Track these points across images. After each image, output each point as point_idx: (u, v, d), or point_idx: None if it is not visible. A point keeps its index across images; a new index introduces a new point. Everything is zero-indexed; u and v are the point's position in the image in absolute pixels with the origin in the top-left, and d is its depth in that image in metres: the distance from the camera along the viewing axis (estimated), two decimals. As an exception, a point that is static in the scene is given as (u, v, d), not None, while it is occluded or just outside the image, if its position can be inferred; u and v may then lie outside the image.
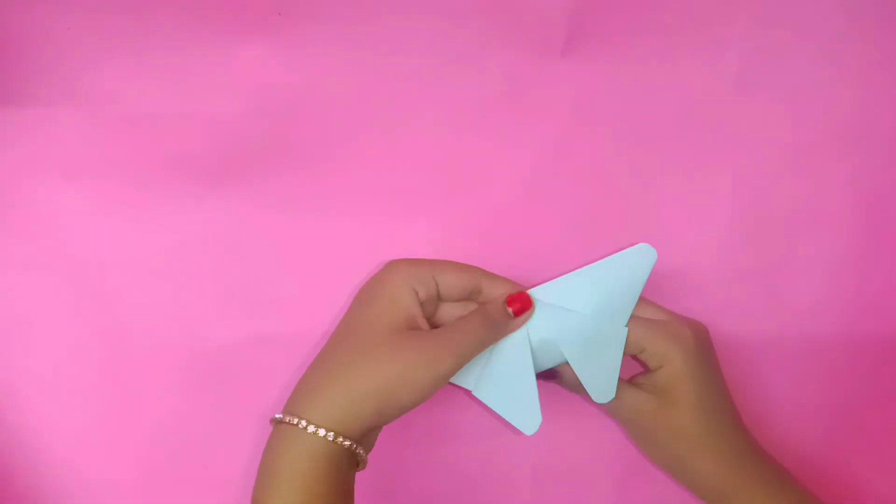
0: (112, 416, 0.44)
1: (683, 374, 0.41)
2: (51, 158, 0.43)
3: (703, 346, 0.42)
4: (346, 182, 0.45)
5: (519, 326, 0.41)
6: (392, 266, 0.41)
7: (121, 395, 0.44)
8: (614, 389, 0.42)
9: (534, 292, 0.42)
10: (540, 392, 0.41)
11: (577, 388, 0.43)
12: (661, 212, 0.46)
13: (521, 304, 0.41)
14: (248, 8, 0.43)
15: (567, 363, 0.42)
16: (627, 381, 0.43)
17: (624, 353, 0.42)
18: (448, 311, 0.42)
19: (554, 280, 0.42)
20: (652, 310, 0.43)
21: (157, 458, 0.44)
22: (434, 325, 0.42)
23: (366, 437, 0.38)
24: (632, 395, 0.42)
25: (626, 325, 0.42)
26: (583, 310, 0.42)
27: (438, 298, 0.41)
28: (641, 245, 0.40)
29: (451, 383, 0.41)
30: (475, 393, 0.42)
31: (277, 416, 0.38)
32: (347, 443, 0.37)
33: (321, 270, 0.45)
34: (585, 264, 0.44)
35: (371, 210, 0.45)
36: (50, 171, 0.43)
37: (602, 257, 0.44)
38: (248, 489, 0.44)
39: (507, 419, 0.41)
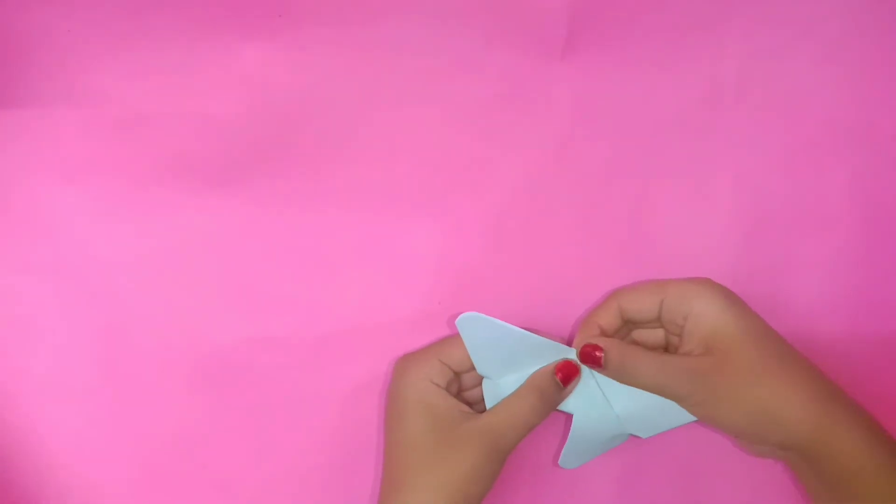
0: (112, 416, 0.44)
1: (719, 309, 0.39)
2: (50, 158, 0.43)
3: (718, 284, 0.40)
4: (347, 182, 0.45)
5: (568, 395, 0.41)
6: (401, 370, 0.41)
7: (120, 395, 0.44)
8: (583, 462, 0.43)
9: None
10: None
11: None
12: (661, 211, 0.46)
13: (567, 372, 0.41)
14: (248, 9, 0.43)
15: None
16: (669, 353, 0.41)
17: (637, 324, 0.42)
18: (469, 380, 0.43)
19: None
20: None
21: (157, 458, 0.44)
22: (465, 394, 0.43)
23: None
24: (682, 362, 0.39)
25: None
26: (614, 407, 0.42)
27: (455, 374, 0.42)
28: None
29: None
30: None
31: None
32: None
33: (321, 270, 0.45)
34: (585, 265, 0.44)
35: (372, 210, 0.45)
36: (50, 172, 0.43)
37: (601, 257, 0.44)
38: (247, 489, 0.45)
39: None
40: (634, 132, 0.46)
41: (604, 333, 0.41)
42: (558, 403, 0.41)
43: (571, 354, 0.41)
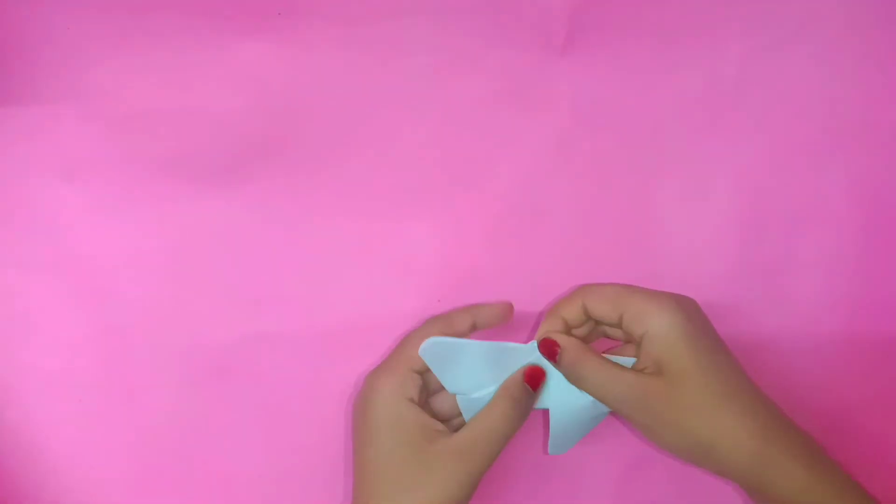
0: (112, 415, 0.44)
1: (674, 335, 0.38)
2: (51, 157, 0.43)
3: (687, 306, 0.40)
4: (347, 180, 0.45)
5: (538, 398, 0.41)
6: (372, 383, 0.40)
7: (120, 395, 0.44)
8: (571, 446, 0.43)
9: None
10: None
11: None
12: (660, 211, 0.46)
13: (536, 377, 0.41)
14: (248, 7, 0.43)
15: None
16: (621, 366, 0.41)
17: (601, 323, 0.42)
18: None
19: None
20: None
21: (157, 457, 0.44)
22: (432, 399, 0.42)
23: None
24: (629, 379, 0.39)
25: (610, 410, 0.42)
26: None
27: (423, 380, 0.41)
28: None
29: None
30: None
31: None
32: None
33: (321, 269, 0.45)
34: (584, 263, 0.44)
35: (371, 208, 0.45)
36: (50, 170, 0.43)
37: (601, 256, 0.44)
38: (247, 488, 0.45)
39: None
40: (634, 131, 0.46)
41: (568, 326, 0.41)
42: (531, 408, 0.41)
43: (535, 352, 0.41)
